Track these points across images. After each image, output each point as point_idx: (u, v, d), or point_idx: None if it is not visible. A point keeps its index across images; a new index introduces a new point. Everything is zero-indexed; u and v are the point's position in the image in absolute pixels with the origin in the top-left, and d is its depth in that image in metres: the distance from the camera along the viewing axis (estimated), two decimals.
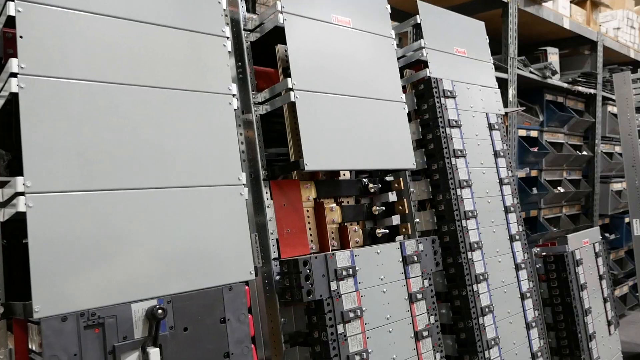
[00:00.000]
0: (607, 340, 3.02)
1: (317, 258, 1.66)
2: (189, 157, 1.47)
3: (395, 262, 1.90)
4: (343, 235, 2.06)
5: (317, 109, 1.81)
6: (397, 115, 2.09)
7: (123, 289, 1.27)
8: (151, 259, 1.34)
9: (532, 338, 2.43)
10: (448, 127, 2.29)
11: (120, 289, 1.27)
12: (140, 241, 1.33)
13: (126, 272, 1.29)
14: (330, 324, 1.65)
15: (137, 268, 1.31)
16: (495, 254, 2.36)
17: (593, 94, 4.53)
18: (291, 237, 1.85)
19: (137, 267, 1.31)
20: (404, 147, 2.08)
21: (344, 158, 1.85)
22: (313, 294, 1.63)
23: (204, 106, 1.53)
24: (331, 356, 1.63)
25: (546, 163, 4.09)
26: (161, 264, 1.35)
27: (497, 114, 2.61)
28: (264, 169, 1.83)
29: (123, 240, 1.30)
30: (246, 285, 1.52)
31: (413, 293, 1.92)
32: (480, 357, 2.14)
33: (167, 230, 1.38)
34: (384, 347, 1.78)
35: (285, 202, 1.87)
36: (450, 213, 2.22)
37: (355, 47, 2.01)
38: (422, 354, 1.90)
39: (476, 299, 2.19)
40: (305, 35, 1.85)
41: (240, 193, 1.55)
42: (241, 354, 1.44)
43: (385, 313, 1.82)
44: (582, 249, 2.97)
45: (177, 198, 1.42)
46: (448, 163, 2.25)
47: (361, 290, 1.76)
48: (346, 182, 2.12)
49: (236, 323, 1.44)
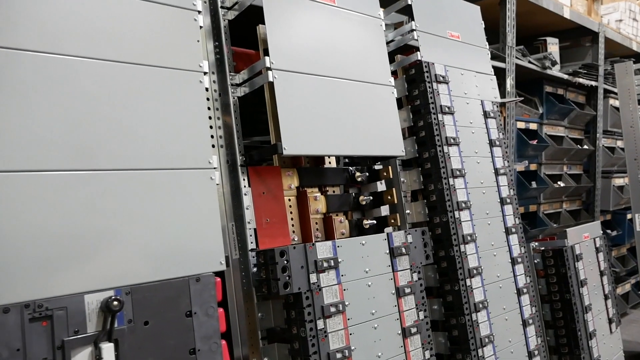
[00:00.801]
0: (608, 339, 2.90)
1: (295, 248, 1.55)
2: (153, 138, 1.36)
3: (382, 254, 1.79)
4: (328, 226, 1.94)
5: (298, 90, 1.70)
6: (386, 99, 1.98)
7: (75, 278, 1.17)
8: (108, 246, 1.22)
9: (528, 336, 2.31)
10: (440, 113, 2.18)
11: (72, 278, 1.16)
12: (95, 227, 1.22)
13: (79, 259, 1.18)
14: (310, 319, 1.54)
15: (92, 256, 1.20)
16: (490, 248, 2.24)
17: (594, 87, 4.40)
18: (270, 227, 1.74)
19: (92, 255, 1.20)
20: (392, 134, 1.96)
21: (326, 143, 1.74)
22: (291, 286, 1.52)
23: (171, 83, 1.42)
24: (310, 353, 1.52)
25: (546, 157, 3.97)
26: (119, 252, 1.24)
27: (493, 101, 2.50)
28: (241, 154, 1.72)
29: (75, 226, 1.19)
30: (216, 277, 1.41)
31: (401, 287, 1.81)
32: (473, 355, 2.03)
33: (126, 215, 1.27)
34: (368, 344, 1.67)
35: (264, 190, 1.76)
36: (442, 204, 2.11)
37: (341, 27, 1.90)
38: (410, 351, 1.78)
39: (469, 294, 2.08)
40: (286, 12, 1.74)
41: (210, 177, 1.44)
42: (209, 350, 1.33)
43: (370, 308, 1.71)
44: (582, 243, 2.85)
45: (138, 181, 1.31)
46: (440, 151, 2.13)
47: (344, 284, 1.65)
48: (331, 171, 2.00)
49: (204, 317, 1.33)
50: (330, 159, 2.05)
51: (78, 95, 1.26)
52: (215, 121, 1.75)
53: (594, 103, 4.48)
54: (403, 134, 2.26)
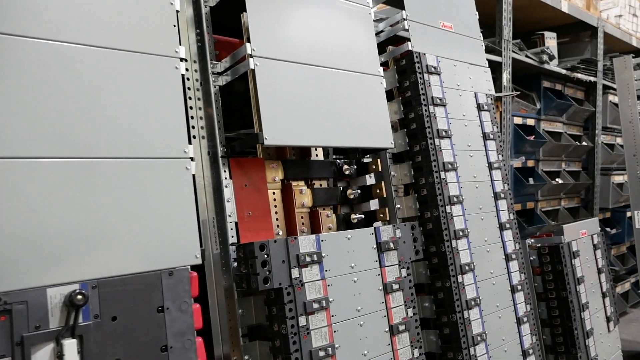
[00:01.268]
0: (605, 338, 2.83)
1: (276, 242, 1.49)
2: (125, 126, 1.30)
3: (369, 249, 1.73)
4: (314, 221, 1.88)
5: (281, 78, 1.64)
6: (374, 90, 1.92)
7: (37, 270, 1.11)
8: (73, 238, 1.16)
9: (523, 334, 2.25)
10: (431, 105, 2.12)
11: (34, 270, 1.10)
12: (59, 217, 1.16)
13: (42, 251, 1.12)
14: (291, 316, 1.47)
15: (56, 247, 1.14)
16: (483, 243, 2.18)
17: (593, 82, 4.34)
18: (253, 220, 1.68)
19: (56, 247, 1.14)
20: (381, 125, 1.90)
21: (311, 134, 1.67)
22: (271, 281, 1.46)
23: (145, 69, 1.36)
24: (291, 351, 1.45)
25: (543, 153, 3.90)
26: (87, 244, 1.18)
27: (487, 94, 2.43)
28: (222, 145, 1.66)
29: (38, 216, 1.13)
30: (193, 271, 1.35)
31: (388, 283, 1.74)
32: (464, 353, 1.96)
33: (93, 205, 1.21)
34: (353, 341, 1.61)
35: (246, 183, 1.70)
36: (433, 198, 2.04)
37: (327, 14, 1.83)
38: (398, 350, 1.72)
39: (461, 291, 2.01)
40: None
41: (186, 167, 1.38)
42: (182, 347, 1.27)
43: (356, 304, 1.65)
44: (579, 240, 2.79)
45: (107, 170, 1.25)
46: (431, 144, 2.07)
47: (328, 279, 1.59)
48: (318, 163, 1.94)
49: (177, 313, 1.27)
50: (317, 151, 1.99)
51: (44, 80, 1.20)
52: (197, 111, 1.69)
53: (592, 99, 4.42)
54: (394, 126, 2.20)
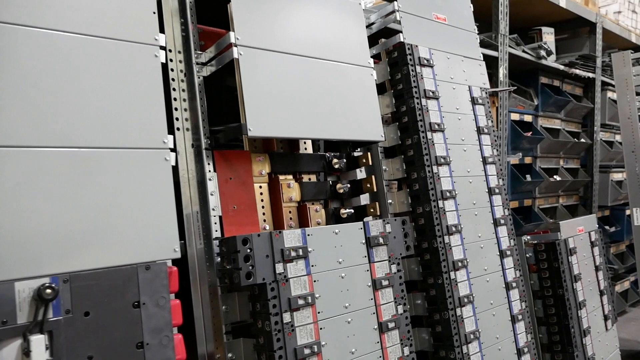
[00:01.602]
0: (603, 336, 2.78)
1: (259, 236, 1.44)
2: (101, 114, 1.25)
3: (357, 244, 1.68)
4: (302, 216, 1.84)
5: (266, 68, 1.59)
6: (364, 81, 1.87)
7: (5, 263, 1.06)
8: (45, 230, 1.12)
9: (518, 332, 2.20)
10: (424, 98, 2.07)
11: (1, 263, 1.06)
12: (31, 208, 1.11)
13: (10, 243, 1.07)
14: (275, 312, 1.43)
15: (26, 240, 1.09)
16: (476, 239, 2.13)
17: (592, 79, 4.29)
18: (238, 214, 1.64)
19: (26, 239, 1.09)
20: (371, 118, 1.86)
21: (298, 125, 1.63)
22: (254, 276, 1.41)
23: (122, 57, 1.31)
24: (274, 348, 1.41)
25: (541, 149, 3.85)
26: (59, 236, 1.14)
27: (482, 87, 2.39)
28: (206, 137, 1.62)
29: (7, 206, 1.08)
30: (173, 266, 1.31)
31: (377, 279, 1.70)
32: (457, 352, 1.92)
33: (67, 196, 1.16)
34: (340, 339, 1.56)
35: (231, 176, 1.65)
36: (425, 192, 2.00)
37: (316, 4, 1.79)
38: (387, 347, 1.68)
39: (453, 288, 1.97)
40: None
41: (165, 158, 1.34)
42: (159, 344, 1.22)
43: (344, 301, 1.60)
44: (576, 237, 2.74)
45: (83, 160, 1.20)
46: (423, 137, 2.02)
47: (314, 275, 1.54)
48: (307, 157, 1.90)
49: (154, 308, 1.23)
50: (306, 144, 1.94)
51: (15, 66, 1.15)
52: (181, 103, 1.65)
53: (591, 95, 4.37)
54: (386, 120, 2.16)
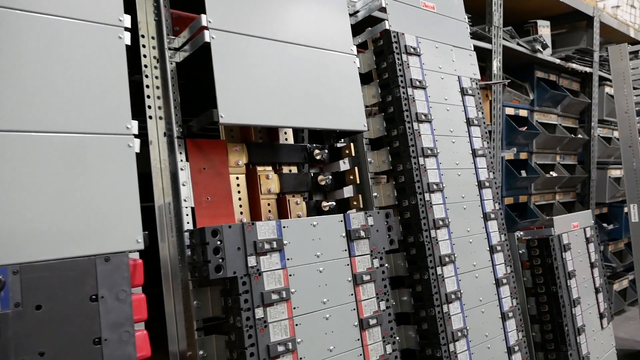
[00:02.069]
0: (598, 335, 2.71)
1: (231, 227, 1.37)
2: (60, 98, 1.18)
3: (337, 237, 1.61)
4: (282, 208, 1.77)
5: (241, 53, 1.53)
6: (346, 69, 1.80)
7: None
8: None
9: (508, 330, 2.13)
10: (410, 87, 2.00)
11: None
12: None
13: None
14: (247, 307, 1.36)
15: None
16: (465, 234, 2.06)
17: (589, 73, 4.22)
18: (212, 206, 1.57)
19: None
20: (353, 107, 1.79)
21: (274, 113, 1.56)
22: (224, 270, 1.34)
23: (82, 37, 1.25)
24: (245, 345, 1.34)
25: (537, 145, 3.78)
26: (9, 225, 1.07)
27: (472, 78, 2.32)
28: (178, 125, 1.55)
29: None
30: (137, 258, 1.24)
31: (358, 274, 1.63)
32: (443, 350, 1.85)
33: (20, 183, 1.10)
34: (318, 336, 1.49)
35: (205, 166, 1.59)
36: (411, 185, 1.93)
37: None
38: (368, 345, 1.61)
39: (440, 284, 1.90)
40: None
41: (128, 145, 1.27)
42: (119, 340, 1.15)
43: (322, 296, 1.53)
44: (570, 233, 2.66)
45: (39, 145, 1.14)
46: (409, 128, 1.95)
47: (290, 268, 1.47)
48: (287, 147, 1.83)
49: (113, 302, 1.16)
50: (287, 135, 1.87)
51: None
52: (154, 90, 1.58)
53: (588, 90, 4.29)
54: (372, 111, 2.09)
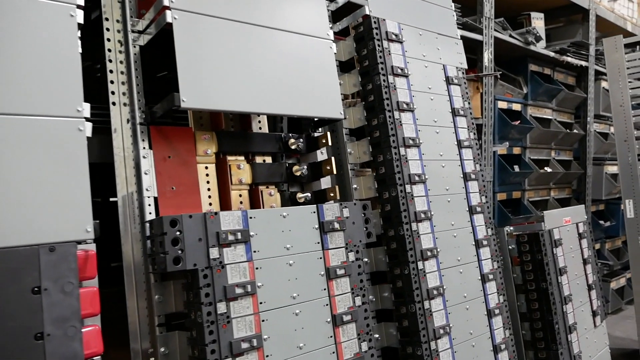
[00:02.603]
0: (591, 333, 2.63)
1: (191, 217, 1.30)
2: (3, 79, 1.11)
3: (309, 229, 1.54)
4: (254, 200, 1.70)
5: (206, 34, 1.45)
6: (322, 55, 1.73)
7: None
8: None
9: (494, 328, 2.05)
10: (391, 75, 1.92)
11: None
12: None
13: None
14: (208, 302, 1.29)
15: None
16: (449, 227, 1.99)
17: (585, 67, 4.13)
18: (177, 196, 1.50)
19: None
20: (329, 94, 1.71)
21: (240, 98, 1.48)
22: (183, 262, 1.27)
23: (29, 13, 1.17)
24: (206, 342, 1.27)
25: (531, 140, 3.70)
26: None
27: (458, 67, 2.24)
28: (141, 110, 1.48)
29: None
30: (89, 250, 1.17)
31: (332, 267, 1.55)
32: (424, 348, 1.77)
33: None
34: (287, 333, 1.42)
35: (170, 154, 1.51)
36: (392, 176, 1.85)
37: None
38: (342, 342, 1.53)
39: (421, 279, 1.82)
40: None
41: (78, 128, 1.19)
42: (63, 335, 1.08)
43: (292, 291, 1.46)
44: (562, 228, 2.59)
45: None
46: (390, 117, 1.88)
47: (256, 261, 1.40)
48: (260, 136, 1.75)
49: (58, 295, 1.08)
50: (261, 123, 1.80)
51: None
52: (118, 75, 1.51)
53: (584, 85, 4.21)
54: (354, 101, 2.02)
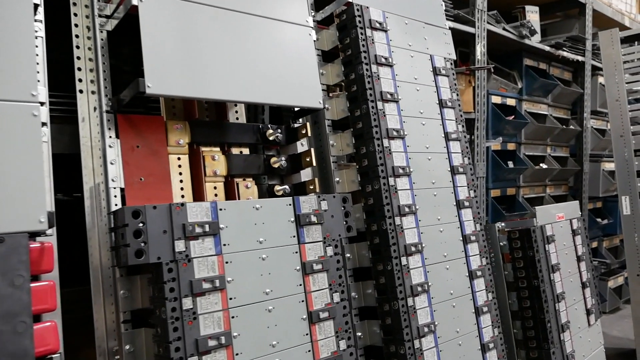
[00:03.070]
0: (585, 332, 2.56)
1: (155, 208, 1.23)
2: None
3: (284, 222, 1.47)
4: (230, 192, 1.63)
5: (174, 18, 1.39)
6: (301, 42, 1.67)
7: None
8: None
9: (482, 326, 1.99)
10: (375, 64, 1.86)
11: None
12: None
13: None
14: (172, 297, 1.22)
15: None
16: (435, 222, 1.92)
17: (581, 63, 4.06)
18: (146, 187, 1.43)
19: None
20: (308, 82, 1.65)
21: (211, 85, 1.42)
22: (146, 255, 1.21)
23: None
24: (170, 339, 1.20)
25: (526, 135, 3.63)
26: None
27: (446, 58, 2.17)
28: (107, 98, 1.42)
29: None
30: (45, 242, 1.11)
31: (308, 262, 1.49)
32: (407, 347, 1.70)
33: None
34: (258, 330, 1.35)
35: (139, 144, 1.45)
36: (374, 168, 1.79)
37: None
38: (319, 340, 1.46)
39: (404, 275, 1.75)
40: None
41: (32, 113, 1.13)
42: (12, 331, 1.01)
43: (264, 286, 1.39)
44: (554, 224, 2.52)
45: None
46: (373, 107, 1.81)
47: (226, 255, 1.33)
48: (237, 127, 1.69)
49: (7, 288, 1.02)
50: (238, 113, 1.74)
51: None
52: (86, 62, 1.45)
53: (581, 80, 4.14)
54: (340, 93, 1.96)
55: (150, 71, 1.30)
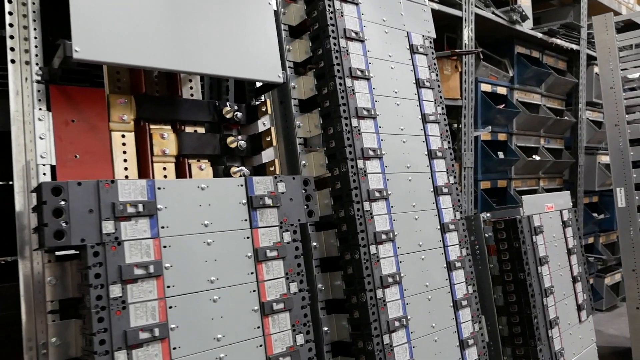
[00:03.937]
0: (575, 329, 2.42)
1: (80, 185, 1.11)
2: None
3: (235, 205, 1.34)
4: (181, 173, 1.50)
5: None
6: (258, 11, 1.53)
7: None
8: None
9: (461, 321, 1.85)
10: (344, 38, 1.73)
11: None
12: None
13: None
14: (98, 283, 1.09)
15: None
16: (410, 209, 1.79)
17: (576, 51, 3.92)
18: (81, 166, 1.31)
19: None
20: (266, 54, 1.52)
21: (150, 52, 1.29)
22: (67, 236, 1.08)
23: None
24: (94, 331, 1.07)
25: (517, 126, 3.49)
26: None
27: (425, 35, 2.04)
28: (38, 67, 1.29)
29: None
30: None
31: (261, 249, 1.36)
32: (376, 342, 1.57)
33: None
34: (200, 322, 1.22)
35: (75, 118, 1.32)
36: (342, 150, 1.65)
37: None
38: (272, 334, 1.33)
39: (373, 265, 1.62)
40: None
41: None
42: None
43: (209, 274, 1.26)
44: (543, 215, 2.38)
45: None
46: (341, 84, 1.68)
47: (164, 239, 1.20)
48: (189, 103, 1.56)
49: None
50: (193, 89, 1.61)
51: None
52: (19, 30, 1.33)
53: (576, 70, 4.00)
54: (304, 68, 1.83)
55: (79, 34, 1.17)
